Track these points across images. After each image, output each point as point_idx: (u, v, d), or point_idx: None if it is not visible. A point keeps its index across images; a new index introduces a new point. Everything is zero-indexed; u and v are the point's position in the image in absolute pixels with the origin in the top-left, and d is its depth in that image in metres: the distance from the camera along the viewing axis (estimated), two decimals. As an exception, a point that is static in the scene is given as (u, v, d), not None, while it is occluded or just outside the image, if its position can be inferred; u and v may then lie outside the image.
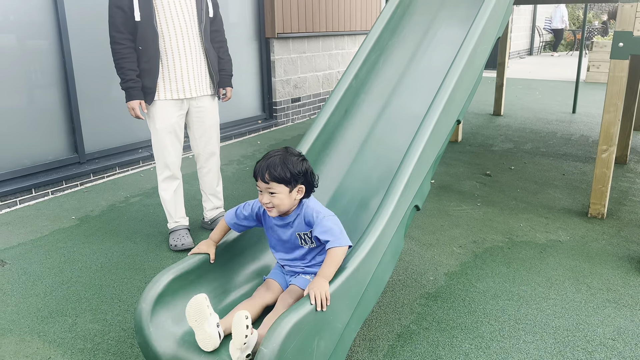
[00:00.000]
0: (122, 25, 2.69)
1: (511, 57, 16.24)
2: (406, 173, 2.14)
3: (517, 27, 16.87)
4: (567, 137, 5.84)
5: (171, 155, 2.95)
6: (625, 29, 3.24)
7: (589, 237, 3.24)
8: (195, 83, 2.90)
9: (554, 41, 17.87)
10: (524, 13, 17.29)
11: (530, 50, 18.40)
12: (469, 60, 2.44)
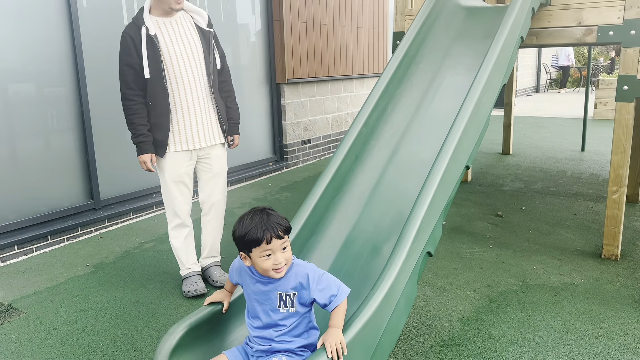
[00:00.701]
0: (132, 82, 2.80)
1: (518, 94, 16.41)
2: (417, 220, 2.17)
3: (524, 65, 17.11)
4: (577, 175, 5.84)
5: (180, 203, 3.01)
6: (629, 73, 3.30)
7: (603, 279, 3.21)
8: (205, 134, 2.99)
9: (560, 78, 18.05)
10: (530, 52, 17.57)
11: (537, 88, 18.59)
12: (474, 109, 2.50)
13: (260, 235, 1.68)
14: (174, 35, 2.84)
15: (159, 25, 2.83)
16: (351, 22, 7.14)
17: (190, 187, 3.07)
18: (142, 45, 2.75)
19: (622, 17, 3.29)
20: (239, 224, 1.72)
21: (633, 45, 3.26)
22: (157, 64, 2.78)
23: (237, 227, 1.73)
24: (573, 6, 3.44)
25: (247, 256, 1.75)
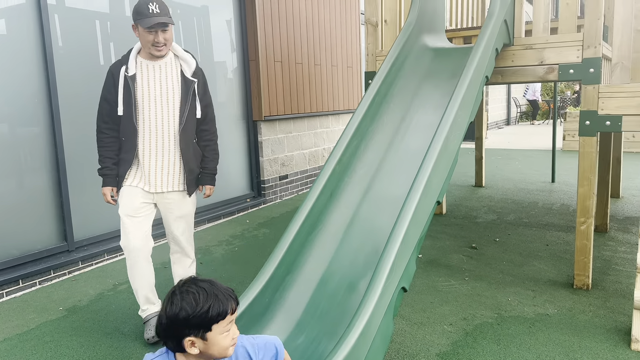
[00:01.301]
0: (107, 117, 2.89)
1: (490, 127, 16.87)
2: (390, 256, 2.21)
3: (494, 99, 17.66)
4: (548, 206, 6.00)
5: (133, 238, 2.90)
6: (590, 109, 3.46)
7: (576, 309, 3.28)
8: (163, 180, 2.94)
9: (531, 110, 18.65)
10: (500, 86, 18.16)
11: (507, 121, 19.15)
12: (443, 146, 2.59)
13: (225, 306, 1.43)
14: (152, 79, 2.86)
15: (141, 67, 2.86)
16: (326, 61, 7.33)
17: (145, 225, 2.96)
18: (119, 83, 2.82)
19: (580, 56, 3.47)
20: (187, 303, 1.41)
21: (592, 82, 3.43)
22: (129, 102, 2.83)
23: (186, 306, 1.40)
24: (535, 46, 3.62)
25: (199, 339, 1.43)
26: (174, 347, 1.46)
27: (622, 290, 3.55)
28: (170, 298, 1.44)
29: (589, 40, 3.40)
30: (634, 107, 3.31)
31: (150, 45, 2.78)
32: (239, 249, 4.76)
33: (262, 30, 6.06)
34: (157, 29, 2.74)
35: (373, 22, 4.08)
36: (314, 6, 6.97)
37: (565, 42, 3.50)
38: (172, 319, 1.41)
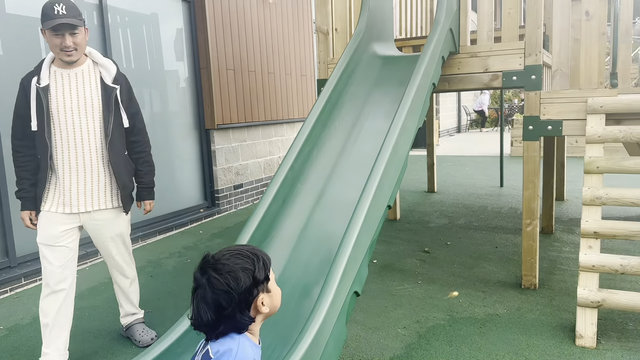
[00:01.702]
0: (21, 133, 2.64)
1: (442, 135, 17.31)
2: (342, 261, 2.21)
3: (445, 107, 18.16)
4: (497, 210, 6.19)
5: (51, 271, 2.65)
6: (533, 114, 3.61)
7: (524, 308, 3.38)
8: (87, 198, 2.69)
9: (481, 119, 19.30)
10: (450, 95, 18.71)
11: (458, 128, 19.72)
12: (392, 152, 2.63)
13: (260, 250, 1.41)
14: (68, 89, 2.62)
15: (55, 76, 2.62)
16: (279, 69, 7.33)
17: (70, 251, 2.71)
18: (31, 95, 2.57)
19: (523, 64, 3.62)
20: (241, 265, 1.32)
21: (534, 88, 3.58)
22: (42, 116, 2.57)
23: (245, 265, 1.32)
24: (480, 54, 3.75)
25: (265, 293, 1.36)
26: (244, 323, 1.33)
27: (567, 288, 3.69)
28: (219, 278, 1.29)
29: (530, 49, 3.55)
30: (573, 112, 3.47)
31: (58, 50, 2.54)
32: (191, 260, 4.65)
33: (213, 38, 6.00)
34: (64, 31, 2.51)
35: (324, 30, 4.12)
36: (266, 14, 6.97)
37: (508, 50, 3.64)
38: (241, 289, 1.29)
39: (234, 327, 1.32)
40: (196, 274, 1.34)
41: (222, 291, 1.28)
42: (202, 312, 1.30)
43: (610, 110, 3.27)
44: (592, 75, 3.44)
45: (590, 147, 3.22)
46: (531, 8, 3.47)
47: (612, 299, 2.85)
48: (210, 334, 1.33)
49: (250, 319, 1.34)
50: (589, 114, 3.32)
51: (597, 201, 3.06)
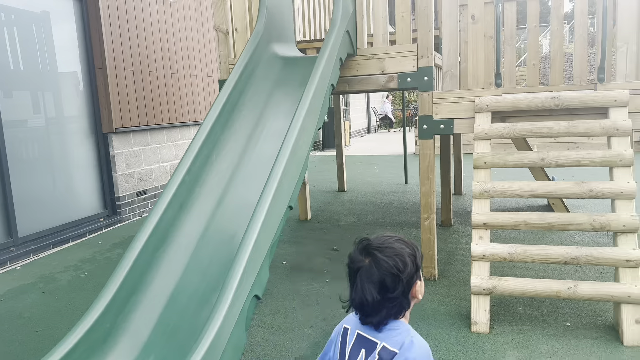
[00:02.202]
0: None
1: (353, 136, 17.73)
2: (240, 266, 2.17)
3: (355, 109, 18.62)
4: (402, 206, 6.43)
5: None
6: (426, 114, 3.78)
7: (424, 299, 3.52)
8: None
9: (388, 121, 20.05)
10: (360, 97, 19.23)
11: (368, 129, 20.32)
12: (292, 152, 2.62)
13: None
14: None
15: None
16: (184, 70, 7.10)
17: None
18: None
19: (416, 66, 3.77)
20: (406, 250, 1.35)
21: (427, 89, 3.75)
22: None
23: (408, 250, 1.36)
24: (376, 56, 3.86)
25: (419, 280, 1.41)
26: (403, 307, 1.37)
27: (464, 277, 3.90)
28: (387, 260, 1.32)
29: (422, 51, 3.72)
30: (463, 111, 3.68)
31: None
32: (89, 273, 4.36)
33: (109, 38, 5.68)
34: None
35: (223, 30, 4.04)
36: (167, 14, 6.72)
37: (403, 52, 3.79)
38: (406, 273, 1.34)
39: (395, 311, 1.37)
40: (356, 256, 1.37)
41: (390, 273, 1.32)
42: (367, 292, 1.32)
43: (495, 108, 3.50)
44: (479, 76, 3.67)
45: (478, 143, 3.42)
46: (422, 12, 3.63)
47: (502, 285, 3.05)
48: (371, 317, 1.36)
49: (409, 303, 1.40)
50: (477, 113, 3.53)
51: (486, 194, 3.27)
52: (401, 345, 1.34)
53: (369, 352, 1.37)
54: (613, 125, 3.16)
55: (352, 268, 1.39)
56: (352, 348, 1.41)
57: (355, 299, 1.36)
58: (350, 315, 1.49)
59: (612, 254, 2.92)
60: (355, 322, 1.43)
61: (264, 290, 2.37)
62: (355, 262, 1.38)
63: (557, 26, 4.77)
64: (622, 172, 3.08)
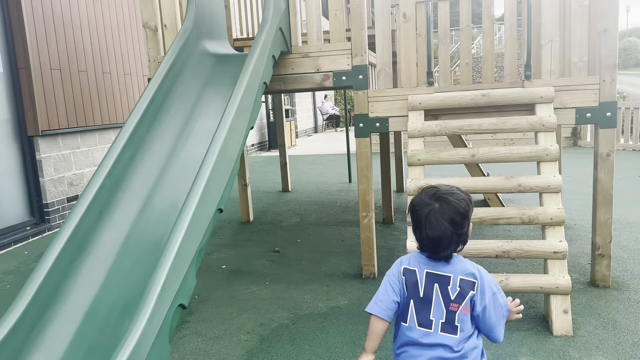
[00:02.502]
0: None
1: (300, 135, 17.68)
2: (163, 273, 2.05)
3: (302, 108, 18.58)
4: (345, 205, 6.44)
5: None
6: (362, 112, 3.76)
7: (363, 298, 3.51)
8: None
9: (334, 120, 20.14)
10: (306, 96, 19.20)
11: (315, 128, 20.33)
12: (220, 153, 2.52)
13: None
14: None
15: None
16: (117, 69, 6.80)
17: None
18: None
19: (350, 64, 3.75)
20: (464, 195, 1.67)
21: (361, 88, 3.73)
22: None
23: (465, 196, 1.66)
24: (311, 55, 3.81)
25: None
26: (464, 242, 1.65)
27: (402, 274, 3.92)
28: (458, 202, 1.61)
29: (356, 49, 3.70)
30: (397, 110, 3.69)
31: None
32: (11, 286, 4.07)
33: (33, 35, 5.34)
34: None
35: (152, 26, 3.87)
36: (97, 11, 6.41)
37: (337, 50, 3.76)
38: (469, 214, 1.63)
39: (459, 246, 1.65)
40: (425, 200, 1.63)
41: (459, 212, 1.61)
42: (443, 227, 1.59)
43: (427, 106, 3.53)
44: (412, 74, 3.69)
45: (412, 141, 3.44)
46: (355, 10, 3.61)
47: (437, 280, 3.07)
48: (444, 250, 1.61)
49: (467, 240, 1.66)
50: (410, 111, 3.55)
51: (420, 191, 3.28)
52: (472, 274, 1.64)
53: (444, 286, 1.63)
54: (539, 121, 3.26)
55: (422, 211, 1.62)
56: (425, 285, 1.64)
57: (432, 235, 1.60)
58: (401, 260, 1.72)
59: (540, 246, 3.00)
60: (419, 263, 1.67)
61: (190, 298, 2.26)
62: (424, 207, 1.63)
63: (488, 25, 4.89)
64: (548, 166, 3.17)
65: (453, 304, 1.61)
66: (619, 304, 3.19)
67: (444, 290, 1.62)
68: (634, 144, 10.01)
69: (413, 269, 1.67)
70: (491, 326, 1.64)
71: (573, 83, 3.39)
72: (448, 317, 1.61)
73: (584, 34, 3.41)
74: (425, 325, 1.62)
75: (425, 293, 1.63)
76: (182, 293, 2.16)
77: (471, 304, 1.62)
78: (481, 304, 1.63)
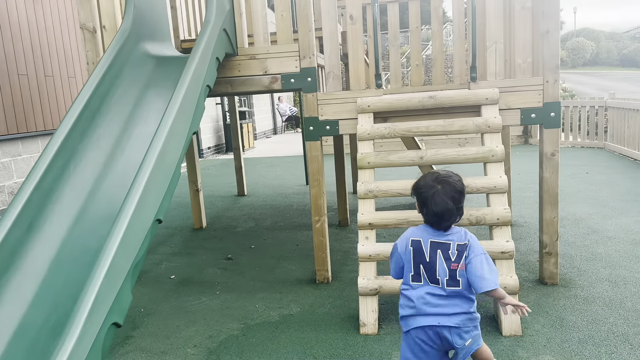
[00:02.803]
0: None
1: (258, 137, 17.51)
2: (93, 290, 1.93)
3: (260, 110, 18.41)
4: (302, 208, 6.37)
5: None
6: (312, 115, 3.70)
7: (316, 304, 3.45)
8: None
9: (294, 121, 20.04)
10: (264, 98, 19.04)
11: (275, 130, 20.19)
12: (159, 159, 2.41)
13: None
14: None
15: None
16: (60, 72, 6.50)
17: None
18: None
19: (299, 66, 3.68)
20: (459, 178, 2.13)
21: (310, 90, 3.67)
22: None
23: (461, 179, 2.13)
24: (258, 57, 3.72)
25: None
26: (460, 216, 2.10)
27: (356, 278, 3.83)
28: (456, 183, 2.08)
29: (304, 52, 3.63)
30: (346, 112, 3.65)
31: None
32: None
33: (-36, 35, 5.04)
34: None
35: (90, 27, 3.69)
36: (38, 11, 6.11)
37: (285, 52, 3.68)
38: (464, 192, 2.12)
39: (457, 218, 2.09)
40: (429, 183, 2.08)
41: (458, 190, 2.07)
42: (447, 203, 2.03)
43: (376, 109, 3.50)
44: (360, 76, 3.66)
45: (362, 144, 3.41)
46: (301, 12, 3.55)
47: (388, 284, 3.04)
48: (446, 222, 2.07)
49: (462, 213, 2.10)
50: (359, 113, 3.52)
51: (370, 194, 3.25)
52: (467, 239, 2.08)
53: (445, 251, 2.06)
54: (485, 122, 3.28)
55: (427, 192, 2.06)
56: (430, 252, 2.08)
57: (437, 210, 2.03)
58: (406, 235, 2.16)
59: (488, 246, 3.01)
60: (423, 234, 2.11)
61: (125, 316, 2.13)
62: (429, 188, 2.06)
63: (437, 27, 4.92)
64: (494, 167, 3.20)
65: (453, 264, 2.05)
66: (566, 301, 3.25)
67: (446, 254, 2.06)
68: (581, 141, 10.38)
69: (418, 239, 2.11)
70: (477, 277, 2.02)
71: (517, 84, 3.43)
72: (450, 274, 2.05)
73: (527, 36, 3.46)
74: (435, 282, 2.07)
75: (430, 258, 2.07)
76: (115, 311, 2.04)
77: (465, 261, 2.05)
78: (468, 257, 2.06)
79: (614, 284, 3.47)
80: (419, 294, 2.08)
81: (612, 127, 9.53)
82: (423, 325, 2.06)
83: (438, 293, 2.06)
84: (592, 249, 4.21)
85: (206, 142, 13.12)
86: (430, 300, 2.06)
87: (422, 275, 2.09)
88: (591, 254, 4.08)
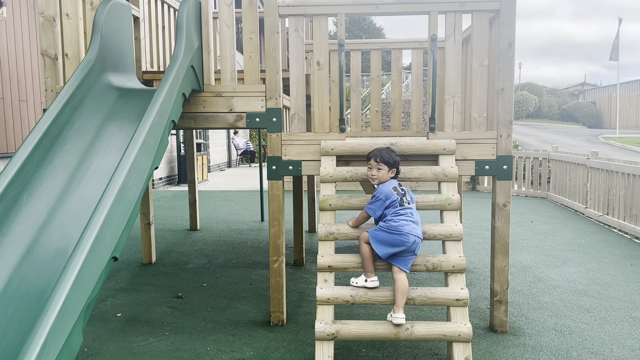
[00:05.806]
0: None
1: (212, 170, 17.31)
2: (44, 331, 1.82)
3: (215, 142, 18.27)
4: (257, 245, 6.29)
5: None
6: (275, 154, 3.72)
7: (270, 347, 3.38)
8: None
9: (249, 156, 20.00)
10: (220, 130, 18.94)
11: (229, 163, 20.04)
12: (118, 195, 2.35)
13: (369, 156, 3.28)
14: None
15: None
16: (11, 95, 6.26)
17: None
18: None
19: (265, 106, 3.72)
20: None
21: (275, 130, 3.71)
22: None
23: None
24: (224, 94, 3.74)
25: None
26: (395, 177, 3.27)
27: (312, 320, 3.84)
28: (391, 152, 3.24)
29: (270, 92, 3.68)
30: (310, 154, 3.70)
31: None
32: None
33: None
34: None
35: (51, 54, 3.60)
36: (-8, 30, 5.92)
37: (251, 92, 3.72)
38: (395, 159, 3.24)
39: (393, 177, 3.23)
40: (375, 151, 3.23)
41: (391, 156, 3.19)
42: (385, 157, 3.16)
43: (339, 152, 3.57)
44: (324, 120, 3.73)
45: (324, 186, 3.44)
46: (270, 55, 3.62)
47: (345, 329, 3.03)
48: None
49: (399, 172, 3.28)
50: (323, 156, 3.57)
51: (331, 237, 3.27)
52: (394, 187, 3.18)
53: (408, 191, 3.18)
54: (442, 171, 3.40)
55: (372, 152, 3.25)
56: (404, 192, 3.15)
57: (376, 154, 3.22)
58: (385, 186, 3.14)
59: (443, 293, 3.08)
60: (394, 185, 3.15)
61: (76, 357, 2.02)
62: (375, 154, 3.21)
63: (396, 76, 5.12)
64: (450, 215, 3.30)
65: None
66: (516, 350, 3.34)
67: (409, 192, 3.16)
68: (525, 190, 10.88)
69: (395, 185, 3.15)
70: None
71: (473, 137, 3.60)
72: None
73: (483, 92, 3.65)
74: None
75: (408, 193, 3.15)
76: (65, 354, 1.93)
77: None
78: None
79: (560, 334, 3.60)
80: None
81: (555, 178, 10.07)
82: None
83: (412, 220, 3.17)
84: (539, 297, 4.37)
85: (158, 172, 12.84)
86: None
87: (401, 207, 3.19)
88: (537, 303, 4.23)
